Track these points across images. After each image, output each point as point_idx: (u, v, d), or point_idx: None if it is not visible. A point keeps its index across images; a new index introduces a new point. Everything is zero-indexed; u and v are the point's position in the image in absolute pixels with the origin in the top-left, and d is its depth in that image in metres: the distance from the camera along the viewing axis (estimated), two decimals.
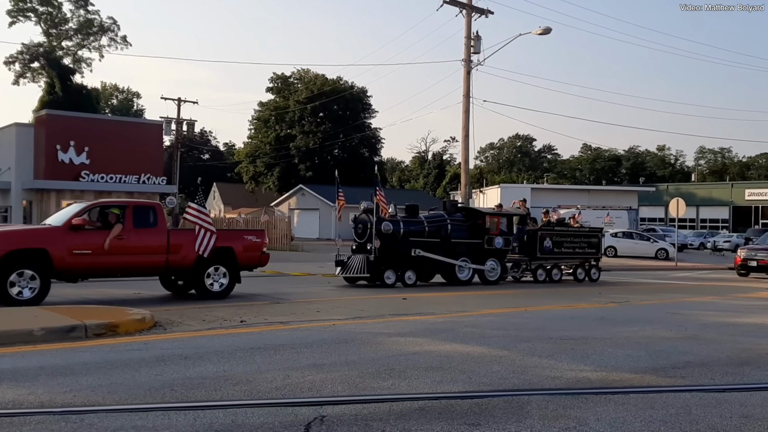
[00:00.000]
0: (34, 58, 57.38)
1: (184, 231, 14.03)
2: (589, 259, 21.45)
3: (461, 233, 18.78)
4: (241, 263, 14.02)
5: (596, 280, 21.16)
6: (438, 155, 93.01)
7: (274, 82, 70.75)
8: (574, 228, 21.93)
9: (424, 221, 18.43)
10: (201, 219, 13.21)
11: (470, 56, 27.93)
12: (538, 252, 20.23)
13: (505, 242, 19.27)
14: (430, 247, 17.97)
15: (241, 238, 14.33)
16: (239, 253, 13.92)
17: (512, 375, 6.57)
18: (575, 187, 61.57)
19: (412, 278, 17.54)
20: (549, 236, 20.49)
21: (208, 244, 13.06)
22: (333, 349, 7.81)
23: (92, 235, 12.42)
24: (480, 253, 18.81)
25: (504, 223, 19.55)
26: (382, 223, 17.33)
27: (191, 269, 13.41)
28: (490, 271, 18.97)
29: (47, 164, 31.58)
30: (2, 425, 4.69)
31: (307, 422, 4.86)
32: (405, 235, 17.76)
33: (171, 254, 13.11)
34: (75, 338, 8.35)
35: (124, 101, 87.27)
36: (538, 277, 20.34)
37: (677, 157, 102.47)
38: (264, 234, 14.89)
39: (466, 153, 28.71)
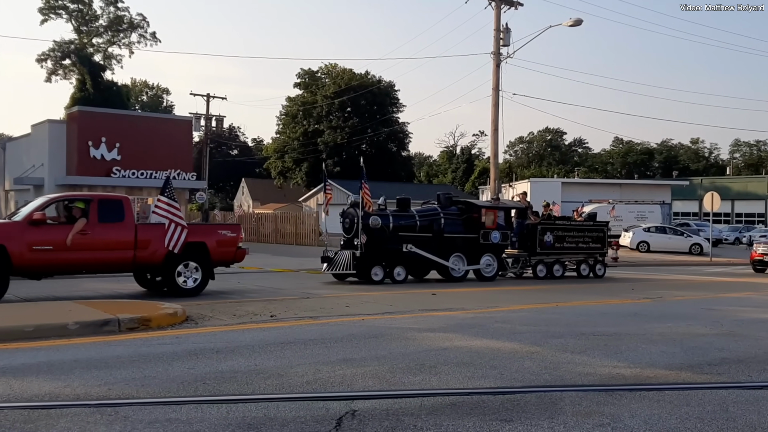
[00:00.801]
0: (65, 56, 58.19)
1: (153, 226, 13.42)
2: (594, 255, 20.79)
3: (455, 228, 18.09)
4: (214, 259, 13.51)
5: (601, 276, 20.53)
6: (466, 149, 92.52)
7: (302, 77, 70.91)
8: (577, 222, 21.30)
9: (415, 215, 17.78)
10: (171, 213, 12.60)
11: (499, 49, 27.73)
12: (537, 247, 19.51)
13: (503, 237, 18.57)
14: (421, 243, 17.30)
15: (214, 232, 13.84)
16: (212, 248, 13.41)
17: (544, 371, 6.51)
18: (607, 182, 60.92)
19: (402, 274, 16.87)
20: (550, 230, 19.79)
21: (178, 239, 12.54)
22: (363, 344, 7.81)
23: (54, 231, 11.97)
24: (475, 248, 18.12)
25: (501, 216, 18.81)
26: (370, 217, 16.76)
27: (161, 265, 12.93)
28: (486, 267, 18.29)
29: (79, 160, 32.01)
30: (39, 417, 4.76)
31: (338, 416, 4.87)
32: (395, 229, 17.11)
33: (139, 250, 12.62)
34: (108, 332, 8.46)
35: (153, 97, 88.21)
36: (539, 273, 19.50)
37: (711, 150, 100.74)
38: (239, 228, 14.36)
39: (495, 147, 28.52)
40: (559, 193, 46.03)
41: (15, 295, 12.40)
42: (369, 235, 16.55)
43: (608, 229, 21.90)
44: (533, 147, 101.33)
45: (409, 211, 17.87)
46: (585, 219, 21.60)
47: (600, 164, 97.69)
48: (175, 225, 12.54)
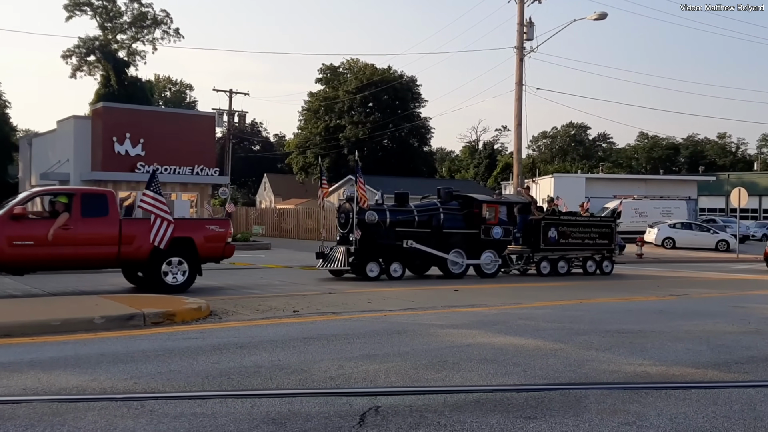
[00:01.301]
0: (90, 52, 58.74)
1: (138, 220, 13.05)
2: (602, 251, 20.19)
3: (455, 223, 17.65)
4: (202, 255, 13.15)
5: (609, 273, 19.95)
6: (489, 145, 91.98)
7: (324, 72, 70.97)
8: (583, 217, 20.66)
9: (413, 210, 17.37)
10: (157, 207, 12.12)
11: (523, 43, 27.54)
12: (541, 243, 18.93)
13: (505, 232, 18.08)
14: (419, 238, 16.91)
15: (201, 228, 13.48)
16: (200, 244, 13.06)
17: (568, 368, 6.47)
18: (631, 177, 60.27)
19: (399, 271, 16.50)
20: (554, 226, 19.21)
21: (164, 234, 12.09)
22: (386, 340, 7.82)
23: (35, 225, 11.73)
24: (476, 244, 17.70)
25: (504, 211, 18.30)
26: (366, 212, 16.36)
27: (146, 261, 12.59)
28: (487, 263, 17.86)
29: (104, 156, 32.32)
30: (67, 410, 4.82)
31: (362, 412, 4.87)
32: (392, 225, 16.73)
33: (123, 245, 12.29)
34: (134, 326, 8.55)
35: (176, 93, 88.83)
36: (542, 270, 18.89)
37: (739, 145, 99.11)
38: (228, 224, 13.91)
39: (518, 142, 28.34)
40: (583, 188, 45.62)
41: (42, 290, 12.59)
42: (365, 230, 16.21)
43: (616, 224, 21.37)
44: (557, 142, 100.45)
45: (408, 206, 17.50)
46: (608, 215, 21.27)
47: (624, 159, 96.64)
48: (161, 220, 12.10)
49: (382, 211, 16.81)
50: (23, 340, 7.55)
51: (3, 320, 8.16)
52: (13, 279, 13.41)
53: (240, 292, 13.03)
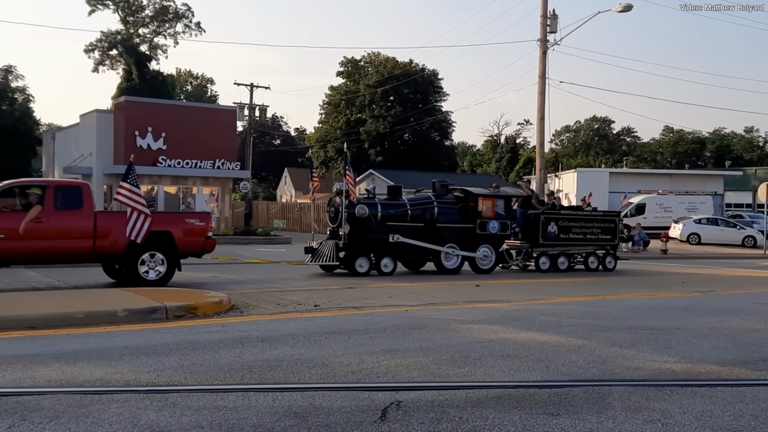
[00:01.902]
0: (112, 46, 59.26)
1: (115, 214, 12.74)
2: (605, 247, 19.59)
3: (450, 217, 17.20)
4: (181, 249, 12.81)
5: (612, 269, 19.34)
6: (511, 139, 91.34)
7: (345, 65, 70.93)
8: (585, 212, 20.05)
9: (406, 204, 17.00)
10: (134, 201, 11.78)
11: (546, 36, 27.29)
12: (540, 238, 18.30)
13: (502, 227, 17.61)
14: (412, 232, 16.51)
15: (181, 221, 13.20)
16: (179, 238, 12.73)
17: (592, 365, 6.40)
18: (656, 171, 59.68)
19: (390, 266, 16.12)
20: (554, 220, 18.56)
21: (141, 228, 11.75)
22: (407, 335, 7.79)
23: (7, 218, 11.47)
24: (471, 238, 17.22)
25: (501, 205, 17.91)
26: (356, 206, 16.01)
27: (123, 256, 12.31)
28: (483, 258, 17.36)
29: (126, 150, 32.53)
30: (91, 402, 4.85)
31: (383, 407, 4.86)
32: (383, 219, 16.32)
33: (98, 239, 11.99)
34: (156, 319, 8.60)
35: (198, 87, 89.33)
36: (541, 265, 18.32)
37: (767, 139, 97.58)
38: (209, 217, 13.58)
39: (541, 136, 28.13)
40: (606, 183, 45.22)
41: (66, 283, 12.73)
42: (355, 224, 15.87)
43: (620, 219, 20.73)
44: (580, 136, 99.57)
45: (400, 200, 17.12)
46: (632, 210, 20.94)
47: (649, 154, 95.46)
48: (138, 213, 11.75)
49: (373, 204, 16.46)
50: (47, 332, 7.63)
51: (28, 313, 8.26)
52: (37, 272, 13.58)
53: (261, 285, 13.06)
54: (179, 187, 34.43)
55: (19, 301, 9.41)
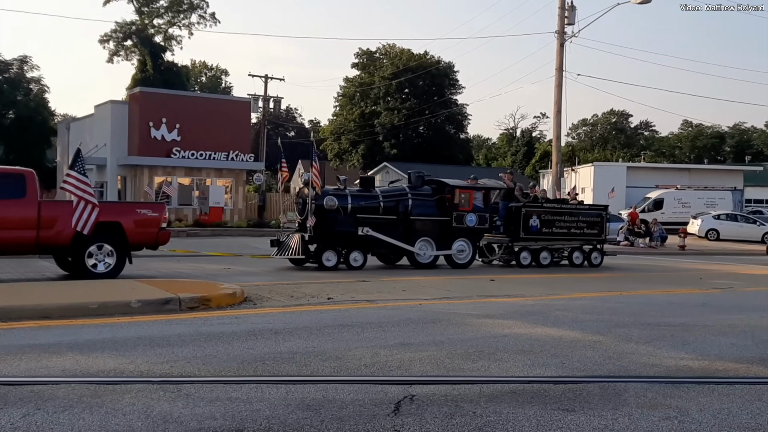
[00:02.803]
0: (126, 37, 59.22)
1: (60, 203, 12.08)
2: (591, 242, 18.79)
3: (424, 209, 16.62)
4: (132, 241, 12.32)
5: (597, 265, 18.49)
6: (527, 132, 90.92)
7: (360, 57, 70.79)
8: (569, 205, 19.18)
9: (378, 196, 16.45)
10: (81, 189, 11.13)
11: (564, 28, 27.07)
12: (521, 231, 17.54)
13: (480, 220, 16.95)
14: (383, 225, 15.95)
15: (132, 212, 12.68)
16: (129, 229, 12.22)
17: (607, 361, 6.34)
18: (674, 166, 59.14)
19: (359, 260, 15.55)
20: (536, 214, 17.80)
21: (88, 218, 11.09)
22: (420, 329, 7.76)
23: None
24: (447, 232, 16.66)
25: (479, 198, 17.17)
26: (325, 197, 15.49)
27: (69, 247, 11.83)
28: (459, 253, 16.77)
29: (140, 141, 32.73)
30: (105, 392, 4.86)
31: (397, 401, 4.83)
32: (353, 211, 15.79)
33: (42, 229, 11.48)
34: (170, 311, 8.62)
35: (212, 78, 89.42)
36: (522, 260, 17.51)
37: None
38: (163, 208, 13.06)
39: (558, 129, 27.95)
40: (624, 177, 44.91)
41: None
42: (323, 217, 15.36)
43: (607, 213, 19.90)
44: (597, 130, 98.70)
45: (372, 191, 16.61)
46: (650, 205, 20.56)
47: (667, 148, 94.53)
48: (85, 203, 11.09)
49: (343, 196, 15.89)
50: (62, 322, 7.67)
51: (42, 302, 8.30)
52: (50, 262, 13.63)
53: (275, 278, 13.05)
54: (193, 179, 34.56)
55: (33, 291, 9.47)
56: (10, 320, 7.63)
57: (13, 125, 54.30)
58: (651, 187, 41.54)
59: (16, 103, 53.79)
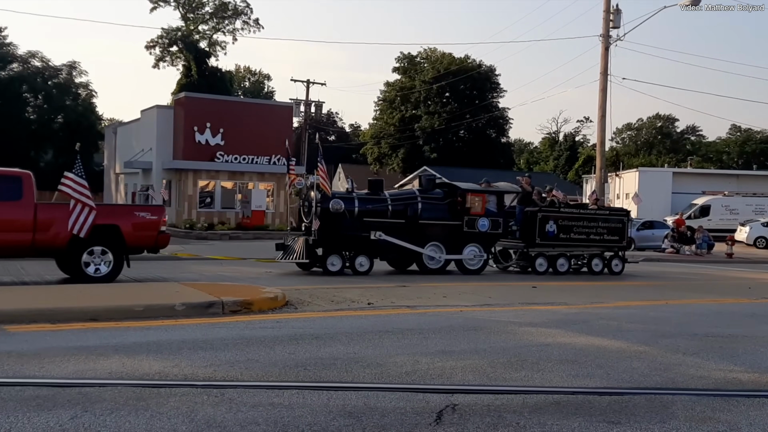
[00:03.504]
0: (172, 42, 60.35)
1: (57, 206, 12.14)
2: (612, 248, 18.21)
3: (435, 213, 16.21)
4: (130, 244, 12.15)
5: (618, 273, 17.88)
6: (570, 136, 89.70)
7: (401, 61, 70.81)
8: (588, 210, 18.52)
9: (387, 199, 16.09)
10: (78, 192, 11.03)
11: (609, 31, 26.71)
12: (537, 237, 17.03)
13: (493, 225, 16.49)
14: (392, 229, 15.58)
15: (130, 214, 12.45)
16: (127, 232, 12.06)
17: (654, 372, 6.20)
18: (722, 172, 57.82)
19: (365, 265, 15.17)
20: (553, 219, 17.22)
21: (85, 221, 11.05)
22: (462, 336, 7.70)
23: None
24: (459, 236, 16.25)
25: (493, 202, 16.73)
26: (331, 200, 15.28)
27: (65, 250, 11.73)
28: (470, 258, 16.36)
29: (185, 145, 33.20)
30: (150, 395, 4.93)
31: (438, 410, 4.80)
32: (360, 214, 15.44)
33: (38, 232, 11.38)
34: (212, 314, 8.71)
35: (255, 83, 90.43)
36: (538, 267, 17.06)
37: None
38: (162, 211, 12.88)
39: (602, 134, 27.56)
40: (670, 183, 44.10)
41: (126, 276, 13.00)
42: (329, 220, 15.07)
43: (629, 219, 19.16)
44: (642, 134, 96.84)
45: (381, 195, 16.23)
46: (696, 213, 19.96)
47: (715, 153, 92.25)
48: (82, 205, 11.02)
49: (350, 199, 15.60)
50: (108, 324, 7.81)
51: (89, 304, 8.47)
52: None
53: (315, 282, 13.09)
54: (236, 183, 34.96)
55: (82, 293, 9.66)
56: (58, 322, 7.81)
57: (62, 129, 55.72)
58: (697, 194, 40.70)
59: (65, 108, 55.15)
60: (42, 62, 56.39)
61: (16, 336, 7.04)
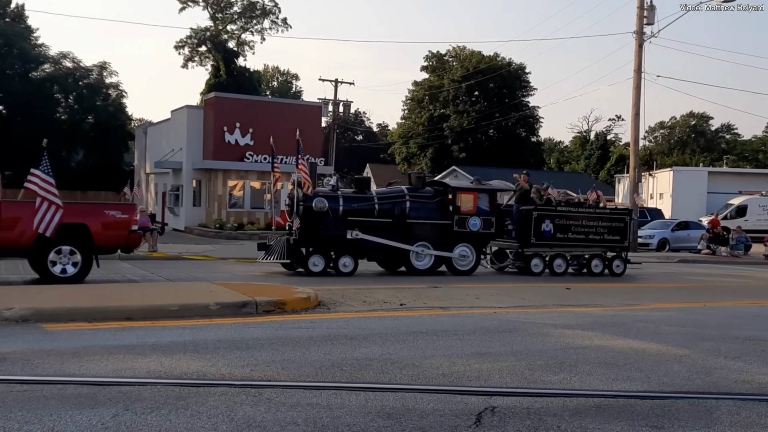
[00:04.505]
0: (201, 42, 60.76)
1: (22, 203, 11.76)
2: (613, 249, 17.49)
3: (425, 212, 15.79)
4: (99, 244, 11.80)
5: (620, 274, 17.18)
6: (601, 135, 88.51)
7: (429, 60, 70.59)
8: (587, 209, 17.75)
9: (374, 197, 15.70)
10: (44, 190, 10.67)
11: (642, 28, 26.37)
12: (532, 236, 16.42)
13: (485, 224, 16.00)
14: (378, 229, 15.19)
15: (99, 213, 12.05)
16: (96, 231, 11.70)
17: (695, 376, 6.09)
18: (759, 171, 56.56)
19: (350, 266, 14.80)
20: (549, 218, 16.64)
21: (51, 220, 10.66)
22: (497, 338, 7.64)
23: None
24: (448, 236, 15.78)
25: (485, 200, 16.24)
26: (314, 199, 14.91)
27: (31, 249, 11.42)
28: (461, 258, 15.84)
29: (215, 145, 33.40)
30: (189, 395, 4.95)
31: (477, 412, 4.75)
32: (345, 213, 15.07)
33: (2, 231, 11.03)
34: (246, 314, 8.74)
35: (283, 83, 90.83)
36: (533, 268, 16.46)
37: None
38: (134, 209, 12.53)
39: (635, 133, 27.23)
40: (705, 183, 43.34)
41: (159, 275, 13.17)
42: (312, 219, 14.75)
43: (630, 218, 18.37)
44: (675, 133, 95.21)
45: (367, 193, 15.88)
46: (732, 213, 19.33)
47: (751, 152, 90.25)
48: (48, 204, 10.65)
49: (334, 198, 15.24)
50: (144, 323, 7.88)
51: (125, 304, 8.55)
52: (132, 264, 14.04)
53: (346, 283, 13.10)
54: (265, 183, 35.13)
55: (117, 293, 9.77)
56: (95, 320, 7.89)
57: (93, 129, 56.43)
58: (733, 193, 39.92)
59: (96, 108, 55.78)
60: (73, 63, 57.04)
61: (55, 335, 7.14)
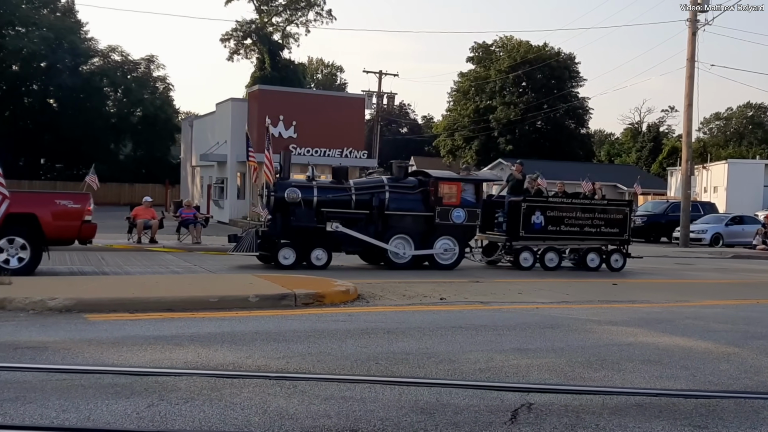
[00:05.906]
0: (246, 35, 61.26)
1: None
2: (613, 242, 16.51)
3: (404, 204, 15.12)
4: (49, 235, 11.42)
5: (618, 269, 16.20)
6: (654, 127, 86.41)
7: (475, 51, 69.89)
8: (582, 200, 17.04)
9: (351, 188, 15.06)
10: None
11: (696, 15, 25.64)
12: (521, 229, 15.55)
13: (469, 216, 15.25)
14: (354, 221, 14.64)
15: (49, 203, 11.70)
16: (46, 222, 11.32)
17: (744, 375, 5.87)
18: None
19: (323, 258, 14.24)
20: (540, 210, 15.74)
21: None
22: (537, 334, 7.50)
23: None
24: (430, 229, 15.11)
25: (470, 191, 15.50)
26: (287, 189, 14.37)
27: None
28: (443, 252, 15.15)
29: (259, 138, 33.55)
30: (224, 386, 4.98)
31: (514, 408, 4.66)
32: (319, 204, 14.54)
33: None
34: (285, 306, 8.77)
35: (327, 75, 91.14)
36: (522, 262, 15.59)
37: None
38: (87, 199, 11.94)
39: (688, 124, 26.52)
40: (762, 176, 42.00)
41: (201, 267, 13.33)
42: (283, 210, 14.31)
43: (632, 210, 17.39)
44: (731, 124, 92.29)
45: (344, 183, 15.27)
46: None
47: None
48: None
49: (308, 188, 14.73)
50: (184, 314, 7.96)
51: (166, 295, 8.67)
52: (175, 256, 14.22)
53: (387, 276, 13.06)
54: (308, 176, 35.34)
55: (159, 284, 9.92)
56: (136, 311, 8.02)
57: (141, 122, 57.61)
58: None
59: (143, 101, 56.84)
60: (121, 56, 58.17)
61: (96, 325, 7.26)
